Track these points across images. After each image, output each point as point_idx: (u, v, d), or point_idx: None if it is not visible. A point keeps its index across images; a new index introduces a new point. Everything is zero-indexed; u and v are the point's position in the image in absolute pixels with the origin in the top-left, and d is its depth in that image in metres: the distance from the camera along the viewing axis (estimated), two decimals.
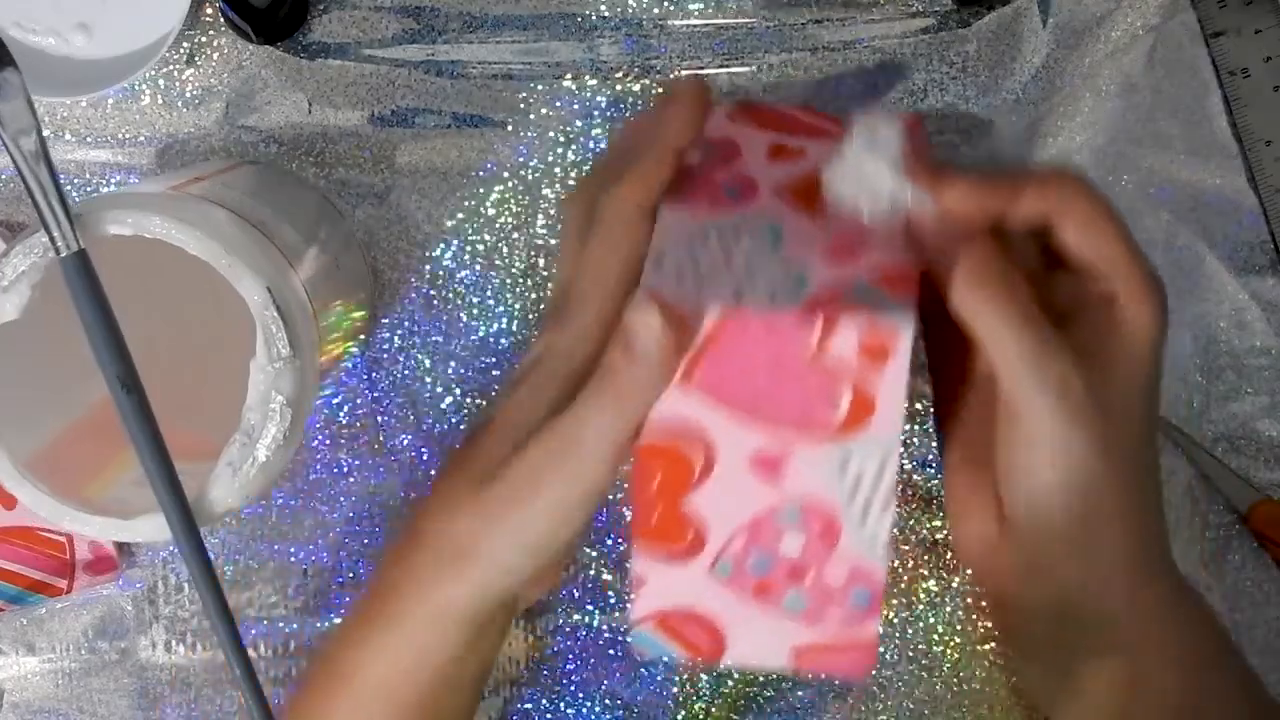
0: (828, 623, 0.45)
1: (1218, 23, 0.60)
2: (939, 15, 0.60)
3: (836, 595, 0.44)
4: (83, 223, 0.43)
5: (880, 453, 0.43)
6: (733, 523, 0.44)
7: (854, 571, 0.44)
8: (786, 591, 0.45)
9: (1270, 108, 0.60)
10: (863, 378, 0.42)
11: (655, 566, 0.45)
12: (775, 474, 0.43)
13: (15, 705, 0.64)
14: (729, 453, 0.43)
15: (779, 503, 0.44)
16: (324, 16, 0.60)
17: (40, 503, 0.46)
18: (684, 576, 0.45)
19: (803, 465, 0.43)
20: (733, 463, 0.43)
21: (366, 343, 0.62)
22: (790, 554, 0.44)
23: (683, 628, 0.46)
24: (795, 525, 0.44)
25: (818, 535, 0.44)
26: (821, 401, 0.42)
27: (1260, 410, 0.61)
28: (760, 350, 0.42)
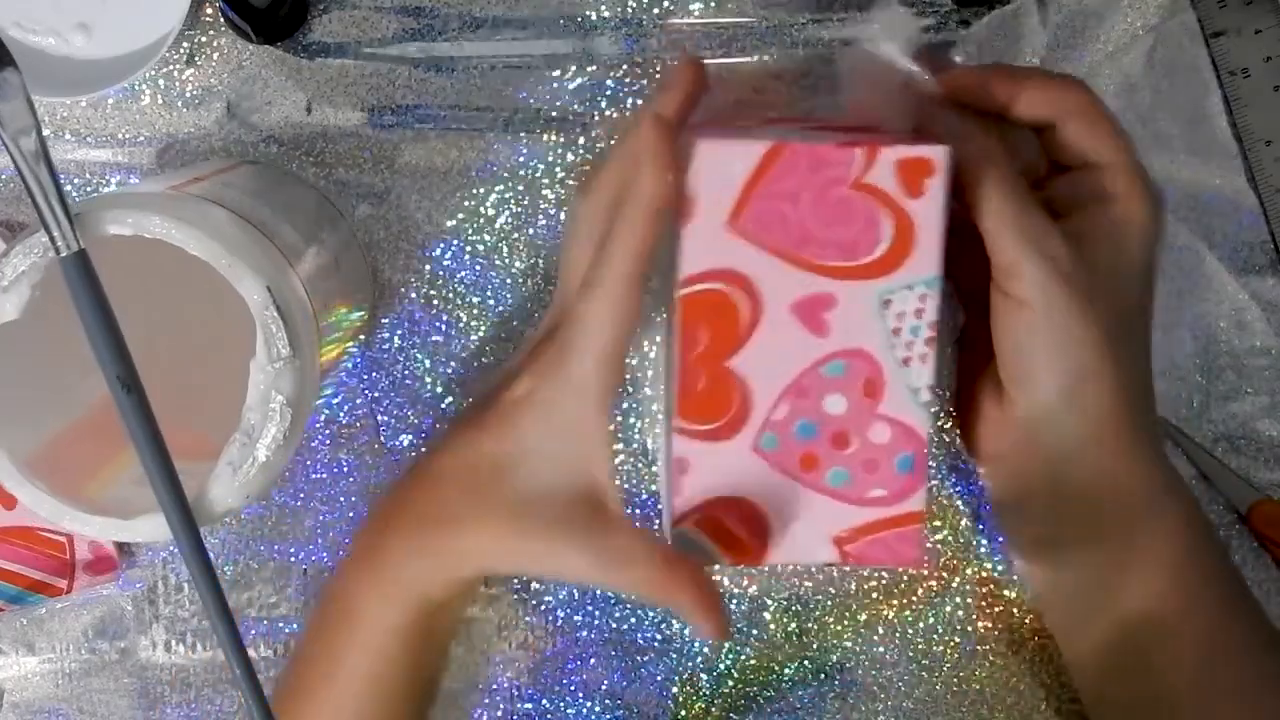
0: (873, 501, 0.45)
1: (1218, 23, 0.60)
2: (939, 15, 0.60)
3: (881, 461, 0.44)
4: (83, 223, 0.43)
5: (921, 288, 0.44)
6: (778, 384, 0.44)
7: (897, 431, 0.44)
8: (831, 465, 0.45)
9: (1270, 108, 0.60)
10: (902, 209, 0.43)
11: (698, 448, 0.45)
12: (819, 321, 0.44)
13: (15, 705, 0.64)
14: (774, 300, 0.44)
15: (823, 355, 0.44)
16: (324, 16, 0.60)
17: (40, 502, 0.46)
18: (728, 455, 0.45)
19: (846, 307, 0.44)
20: (778, 311, 0.44)
21: (366, 343, 0.62)
22: (836, 413, 0.44)
23: (725, 520, 0.45)
24: (839, 379, 0.44)
25: (861, 390, 0.44)
26: (864, 236, 0.43)
27: (1260, 410, 0.61)
28: (804, 185, 0.43)
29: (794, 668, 0.63)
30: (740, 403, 0.45)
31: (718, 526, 0.45)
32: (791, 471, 0.45)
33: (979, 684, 0.63)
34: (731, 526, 0.45)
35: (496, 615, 0.63)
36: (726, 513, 0.45)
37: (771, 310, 0.44)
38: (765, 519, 0.45)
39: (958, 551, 0.62)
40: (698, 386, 0.45)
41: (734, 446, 0.45)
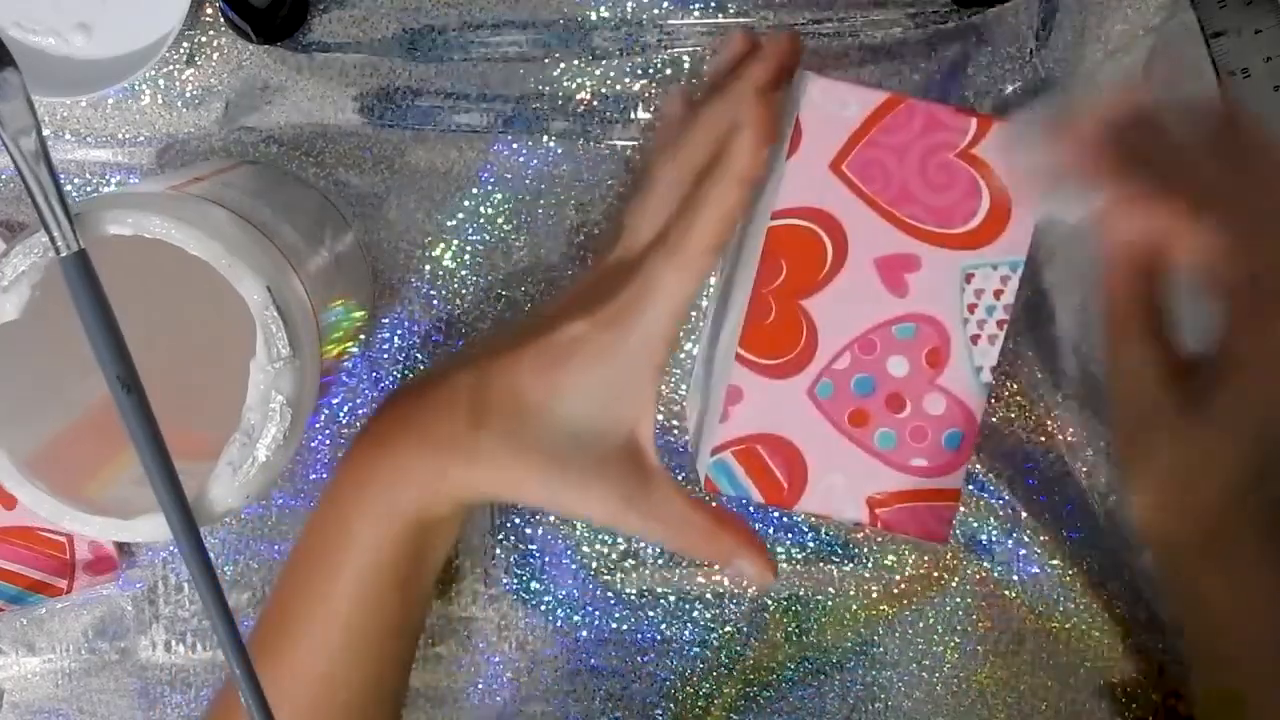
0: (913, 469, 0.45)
1: (1217, 23, 0.60)
2: (939, 15, 0.60)
3: (930, 431, 0.45)
4: (83, 223, 0.43)
5: (1006, 269, 0.44)
6: (847, 333, 0.45)
7: (952, 405, 0.45)
8: (880, 426, 0.45)
9: (1270, 108, 0.60)
10: (1003, 187, 0.44)
11: (756, 381, 0.45)
12: (900, 280, 0.44)
13: (15, 705, 0.64)
14: (860, 249, 0.44)
15: (897, 315, 0.45)
16: (324, 16, 0.60)
17: (40, 502, 0.46)
18: (783, 394, 0.45)
19: (928, 272, 0.44)
20: (861, 262, 0.44)
21: (366, 343, 0.62)
22: (896, 375, 0.45)
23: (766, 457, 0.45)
24: (907, 342, 0.44)
25: (925, 358, 0.44)
26: (961, 204, 0.44)
27: None
28: (912, 143, 0.44)
29: (794, 668, 0.63)
30: (806, 344, 0.45)
31: (756, 462, 0.45)
32: (841, 424, 0.45)
33: (979, 684, 0.63)
34: (771, 465, 0.45)
35: (496, 615, 0.63)
36: (768, 450, 0.45)
37: (855, 259, 0.44)
38: (804, 465, 0.45)
39: (958, 552, 0.62)
40: (767, 319, 0.45)
41: (790, 386, 0.45)
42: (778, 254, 0.45)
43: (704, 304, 0.59)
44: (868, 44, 0.60)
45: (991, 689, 0.63)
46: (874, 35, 0.60)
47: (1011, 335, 0.61)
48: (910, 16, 0.60)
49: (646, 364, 0.47)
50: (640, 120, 0.60)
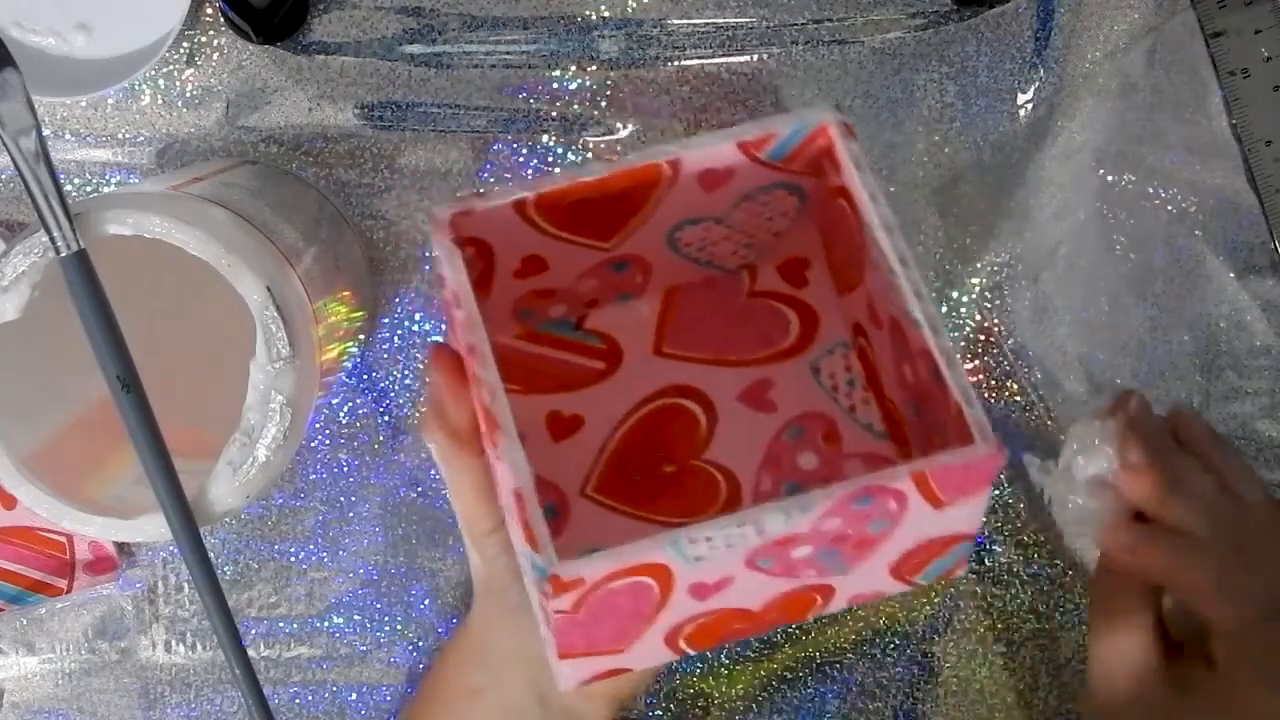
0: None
1: (1217, 23, 0.60)
2: (939, 15, 0.60)
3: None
4: (83, 222, 0.43)
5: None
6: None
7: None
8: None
9: (1270, 108, 0.60)
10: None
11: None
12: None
13: (15, 705, 0.64)
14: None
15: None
16: (324, 16, 0.60)
17: (40, 502, 0.46)
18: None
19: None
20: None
21: (366, 343, 0.62)
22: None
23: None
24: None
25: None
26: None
27: (1260, 410, 0.61)
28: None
29: (794, 668, 0.63)
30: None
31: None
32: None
33: (979, 684, 0.63)
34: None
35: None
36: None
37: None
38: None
39: None
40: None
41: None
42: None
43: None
44: (868, 44, 0.60)
45: (991, 689, 0.63)
46: (874, 35, 0.60)
47: (1012, 335, 0.61)
48: (910, 17, 0.60)
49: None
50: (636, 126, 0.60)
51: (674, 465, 0.47)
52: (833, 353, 0.47)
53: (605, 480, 0.47)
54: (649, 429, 0.47)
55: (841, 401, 0.47)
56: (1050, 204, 0.61)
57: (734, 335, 0.48)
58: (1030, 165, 0.61)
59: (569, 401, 0.47)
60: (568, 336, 0.48)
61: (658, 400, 0.47)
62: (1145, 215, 0.61)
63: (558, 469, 0.47)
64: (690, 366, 0.47)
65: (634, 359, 0.48)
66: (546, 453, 0.47)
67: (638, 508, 0.47)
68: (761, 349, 0.48)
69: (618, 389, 0.48)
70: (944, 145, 0.61)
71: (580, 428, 0.47)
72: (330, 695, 0.63)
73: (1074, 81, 0.61)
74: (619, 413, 0.47)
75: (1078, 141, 0.61)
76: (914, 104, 0.61)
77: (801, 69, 0.60)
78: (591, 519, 0.46)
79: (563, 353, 0.48)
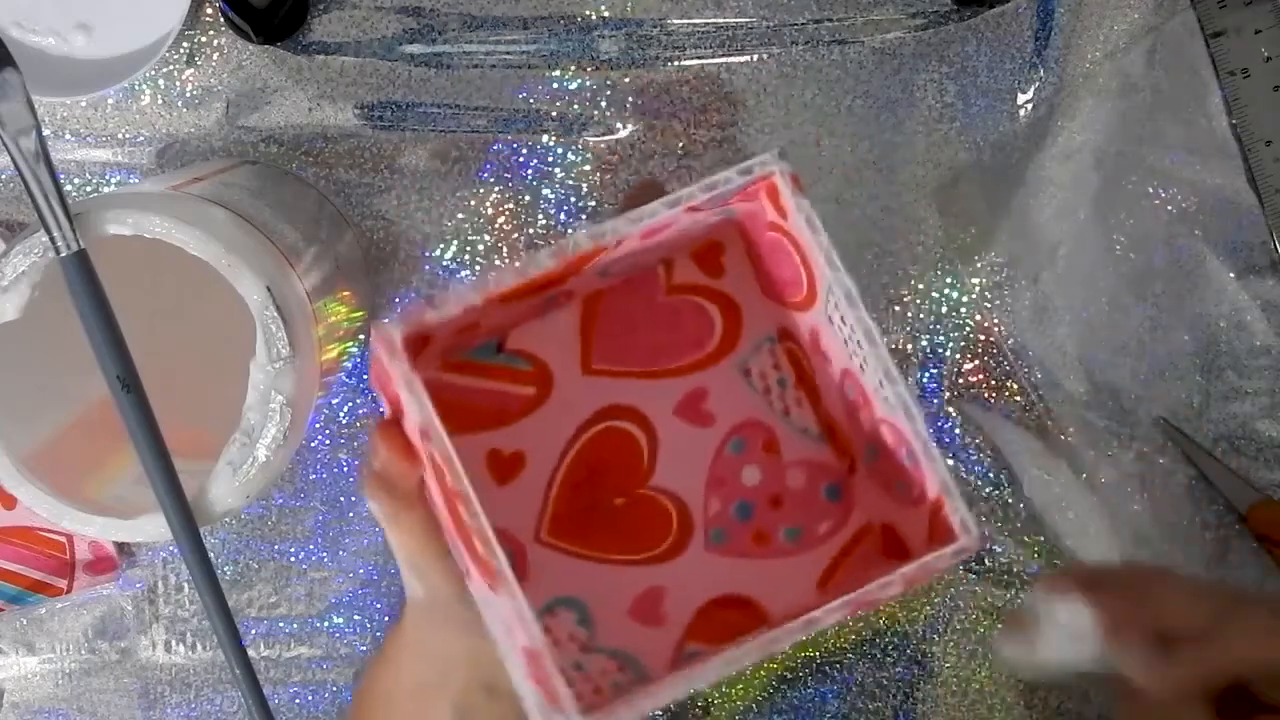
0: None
1: (1217, 23, 0.60)
2: (939, 15, 0.60)
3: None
4: (82, 222, 0.43)
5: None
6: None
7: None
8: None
9: (1270, 108, 0.60)
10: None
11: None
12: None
13: (15, 705, 0.64)
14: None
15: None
16: (324, 16, 0.60)
17: (40, 502, 0.46)
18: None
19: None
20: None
21: (367, 342, 0.62)
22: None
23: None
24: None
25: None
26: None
27: (1260, 410, 0.61)
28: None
29: (794, 668, 0.63)
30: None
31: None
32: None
33: (979, 684, 0.63)
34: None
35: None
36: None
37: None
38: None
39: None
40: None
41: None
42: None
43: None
44: (868, 44, 0.60)
45: (991, 689, 0.63)
46: (874, 35, 0.60)
47: (1012, 335, 0.61)
48: (910, 17, 0.60)
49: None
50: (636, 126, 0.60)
51: (622, 497, 0.46)
52: (760, 349, 0.47)
53: (557, 522, 0.46)
54: (591, 460, 0.46)
55: (775, 405, 0.47)
56: (1050, 204, 0.61)
57: (661, 341, 0.47)
58: (1030, 165, 0.61)
59: (507, 437, 0.46)
60: (493, 363, 0.46)
61: (596, 425, 0.46)
62: (1145, 215, 0.61)
63: (508, 515, 0.46)
64: (622, 383, 0.46)
65: (564, 380, 0.46)
66: (494, 498, 0.46)
67: (594, 549, 0.46)
68: (690, 353, 0.47)
69: (553, 417, 0.46)
70: (944, 145, 0.61)
71: (523, 467, 0.46)
72: (330, 695, 0.63)
73: (1074, 81, 0.61)
74: (559, 444, 0.46)
75: (1078, 141, 0.61)
76: (914, 104, 0.61)
77: (801, 69, 0.60)
78: (550, 567, 0.46)
79: (491, 381, 0.46)
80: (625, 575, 0.46)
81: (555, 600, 0.45)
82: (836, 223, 0.60)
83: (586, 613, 0.45)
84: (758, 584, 0.46)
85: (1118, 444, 0.62)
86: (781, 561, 0.46)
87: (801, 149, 0.60)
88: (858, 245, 0.61)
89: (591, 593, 0.45)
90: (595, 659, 0.45)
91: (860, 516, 0.46)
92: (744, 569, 0.46)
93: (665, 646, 0.46)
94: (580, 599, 0.45)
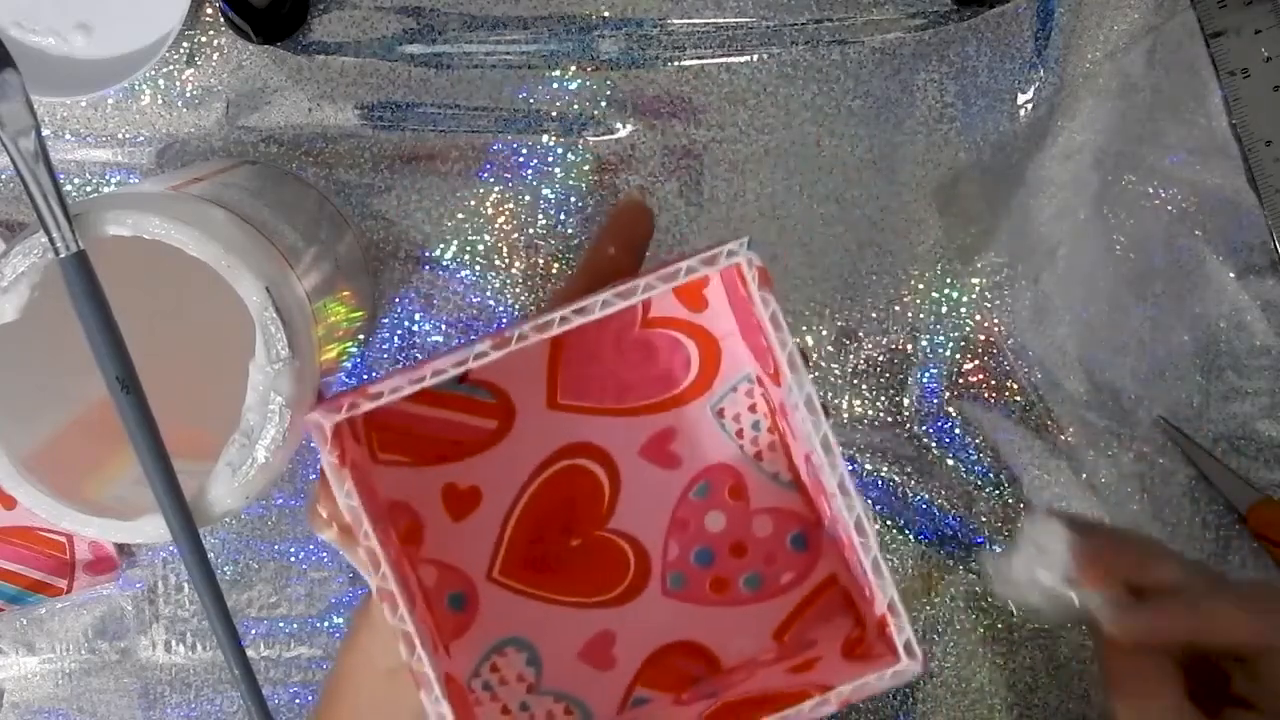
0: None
1: (1217, 23, 0.60)
2: (939, 15, 0.60)
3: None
4: (82, 223, 0.43)
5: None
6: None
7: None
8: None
9: (1270, 108, 0.60)
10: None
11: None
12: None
13: (15, 705, 0.64)
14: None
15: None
16: (324, 16, 0.60)
17: (39, 503, 0.46)
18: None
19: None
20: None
21: (366, 343, 0.62)
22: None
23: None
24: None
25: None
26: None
27: (1260, 410, 0.61)
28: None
29: None
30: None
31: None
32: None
33: (979, 684, 0.63)
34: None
35: None
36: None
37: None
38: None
39: (956, 552, 0.62)
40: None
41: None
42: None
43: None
44: (868, 44, 0.60)
45: (991, 689, 0.63)
46: (874, 36, 0.60)
47: (1012, 335, 0.61)
48: (910, 17, 0.60)
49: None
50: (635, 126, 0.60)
51: (579, 538, 0.45)
52: (736, 390, 0.45)
53: (510, 561, 0.45)
54: (550, 498, 0.45)
55: (748, 449, 0.45)
56: (1050, 204, 0.61)
57: (631, 377, 0.45)
58: (1030, 165, 0.61)
59: (464, 472, 0.45)
60: (454, 392, 0.45)
61: (557, 463, 0.45)
62: (1145, 215, 0.61)
63: (461, 552, 0.45)
64: (588, 420, 0.45)
65: (527, 414, 0.45)
66: (447, 535, 0.45)
67: (547, 590, 0.45)
68: (661, 391, 0.45)
69: (513, 452, 0.45)
70: (944, 145, 0.61)
71: (479, 503, 0.45)
72: None
73: (1074, 82, 0.61)
74: (517, 481, 0.45)
75: (1078, 142, 0.61)
76: (914, 104, 0.61)
77: (801, 69, 0.60)
78: (501, 606, 0.45)
79: (450, 412, 0.45)
80: (577, 618, 0.45)
81: (504, 640, 0.45)
82: (836, 222, 0.60)
83: (535, 654, 0.45)
84: (713, 632, 0.45)
85: (1118, 444, 0.62)
86: (739, 610, 0.46)
87: (801, 149, 0.60)
88: (858, 245, 0.61)
89: (541, 634, 0.45)
90: (541, 701, 0.44)
91: (825, 568, 0.45)
92: (700, 616, 0.45)
93: (614, 691, 0.45)
94: (529, 640, 0.45)
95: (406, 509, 0.45)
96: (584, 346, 0.45)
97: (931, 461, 0.62)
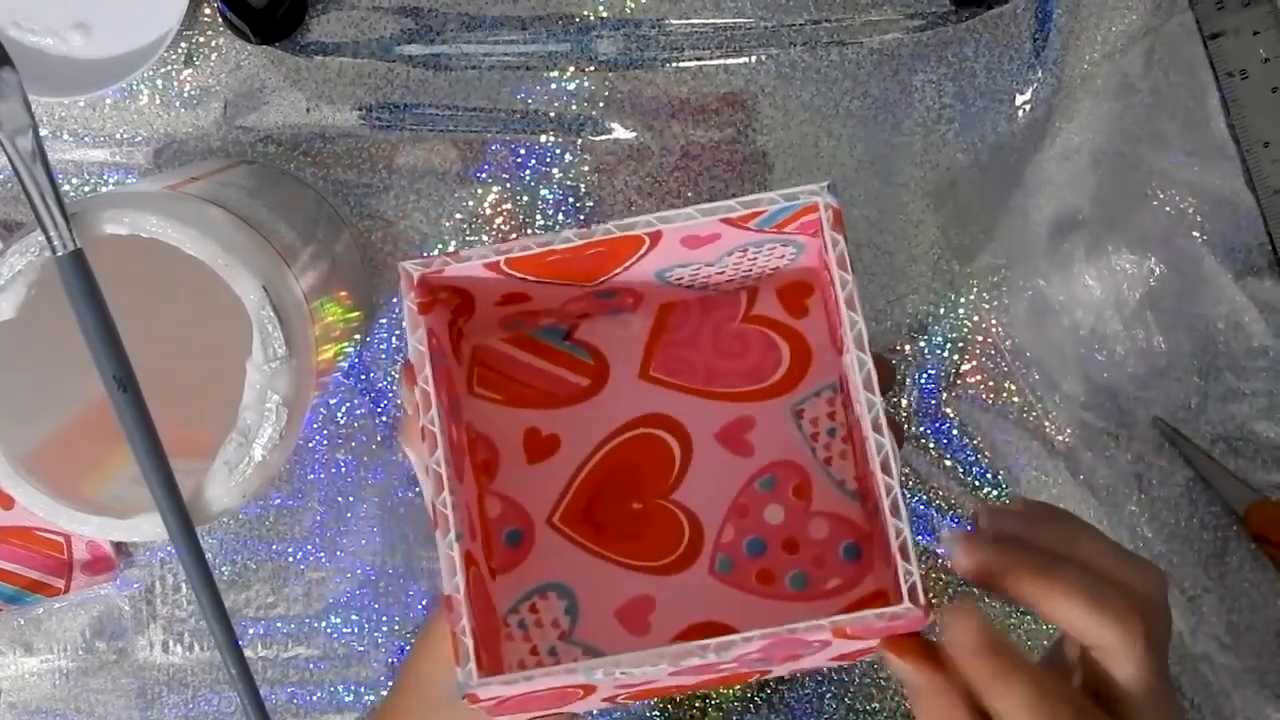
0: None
1: (1216, 24, 0.60)
2: (937, 16, 0.60)
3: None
4: (79, 222, 0.43)
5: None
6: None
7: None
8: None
9: (1268, 109, 0.60)
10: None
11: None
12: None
13: (13, 705, 0.64)
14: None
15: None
16: (322, 16, 0.60)
17: (37, 502, 0.46)
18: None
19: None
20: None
21: (364, 343, 0.62)
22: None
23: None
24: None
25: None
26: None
27: (1258, 411, 0.61)
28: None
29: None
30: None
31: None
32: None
33: None
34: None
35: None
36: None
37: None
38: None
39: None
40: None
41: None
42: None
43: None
44: (866, 45, 0.60)
45: None
46: (872, 36, 0.60)
47: (1011, 335, 0.61)
48: (908, 18, 0.60)
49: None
50: (634, 126, 0.61)
51: (640, 503, 0.47)
52: (819, 395, 0.47)
53: (572, 512, 0.47)
54: (623, 460, 0.47)
55: (819, 452, 0.47)
56: (1049, 204, 0.61)
57: (722, 365, 0.47)
58: (1029, 166, 0.61)
59: (548, 420, 0.47)
60: (556, 346, 0.48)
61: (636, 429, 0.47)
62: (1144, 215, 0.61)
63: (528, 492, 0.47)
64: (674, 395, 0.47)
65: (620, 380, 0.47)
66: (520, 475, 0.47)
67: (600, 546, 0.47)
68: (748, 383, 0.47)
69: (598, 411, 0.47)
70: (942, 146, 0.61)
71: (556, 450, 0.47)
72: (327, 695, 0.63)
73: (1072, 82, 0.61)
74: (596, 438, 0.47)
75: (1076, 142, 0.61)
76: (912, 105, 0.61)
77: (800, 70, 0.60)
78: (554, 551, 0.46)
79: (549, 364, 0.48)
80: (622, 577, 0.46)
81: (548, 584, 0.46)
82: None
83: (575, 602, 0.46)
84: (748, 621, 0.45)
85: (1115, 445, 0.62)
86: (778, 604, 0.46)
87: (800, 149, 0.61)
88: (857, 245, 0.61)
89: (585, 584, 0.46)
90: (570, 650, 0.45)
91: (873, 583, 0.46)
92: (739, 602, 0.46)
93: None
94: (571, 587, 0.46)
95: (487, 443, 0.47)
96: (686, 328, 0.47)
97: (930, 462, 0.62)
